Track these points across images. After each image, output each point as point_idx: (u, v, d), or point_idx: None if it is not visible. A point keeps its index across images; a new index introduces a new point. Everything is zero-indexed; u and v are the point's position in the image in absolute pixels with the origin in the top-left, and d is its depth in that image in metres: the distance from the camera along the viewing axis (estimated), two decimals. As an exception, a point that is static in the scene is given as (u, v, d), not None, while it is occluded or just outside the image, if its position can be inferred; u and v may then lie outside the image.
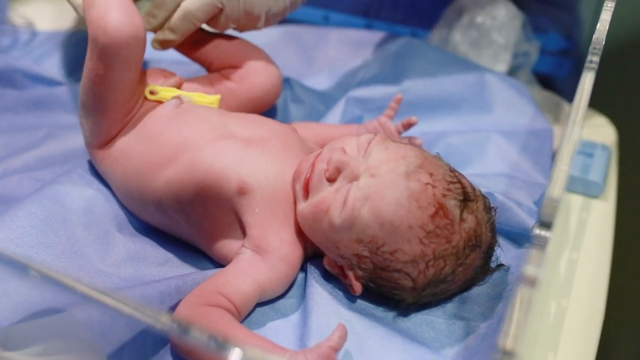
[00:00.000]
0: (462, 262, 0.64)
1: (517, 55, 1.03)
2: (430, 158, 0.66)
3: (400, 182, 0.62)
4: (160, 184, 0.70)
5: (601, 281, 0.76)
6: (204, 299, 0.62)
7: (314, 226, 0.66)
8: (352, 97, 0.91)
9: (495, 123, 0.90)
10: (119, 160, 0.73)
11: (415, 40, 1.03)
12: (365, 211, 0.62)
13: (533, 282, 0.44)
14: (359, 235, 0.63)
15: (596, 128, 0.98)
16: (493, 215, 0.67)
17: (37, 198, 0.70)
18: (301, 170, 0.67)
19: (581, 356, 0.68)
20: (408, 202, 0.62)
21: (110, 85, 0.71)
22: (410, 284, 0.64)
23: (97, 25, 0.68)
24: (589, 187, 0.87)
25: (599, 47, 0.63)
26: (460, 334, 0.65)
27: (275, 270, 0.66)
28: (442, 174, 0.64)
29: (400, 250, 0.63)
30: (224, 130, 0.72)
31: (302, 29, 1.09)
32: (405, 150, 0.65)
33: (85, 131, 0.76)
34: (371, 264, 0.64)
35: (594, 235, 0.82)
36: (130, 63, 0.70)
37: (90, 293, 0.44)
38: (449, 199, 0.63)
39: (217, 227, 0.69)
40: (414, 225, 0.62)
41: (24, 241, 0.67)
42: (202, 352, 0.57)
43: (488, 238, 0.66)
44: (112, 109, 0.73)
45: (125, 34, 0.68)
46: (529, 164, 0.84)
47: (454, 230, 0.63)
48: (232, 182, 0.67)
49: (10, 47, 1.01)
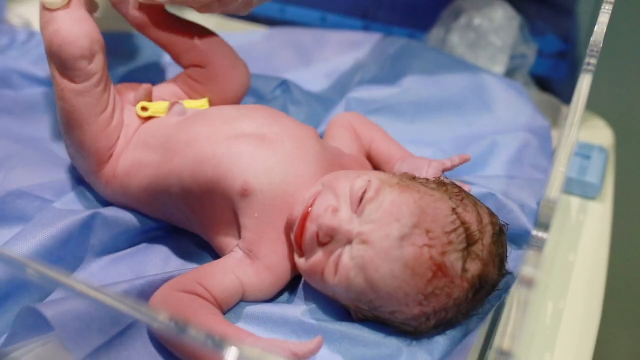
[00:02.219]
0: (465, 307, 0.63)
1: (514, 57, 1.03)
2: (428, 208, 0.61)
3: (393, 252, 0.59)
4: (173, 179, 0.69)
5: (598, 282, 0.76)
6: (181, 286, 0.63)
7: (311, 281, 0.66)
8: (353, 98, 0.91)
9: (496, 123, 0.90)
10: (132, 173, 0.73)
11: (414, 41, 1.03)
12: (360, 280, 0.61)
13: (530, 283, 0.44)
14: (355, 297, 0.62)
15: (593, 130, 0.98)
16: (502, 243, 0.64)
17: (52, 214, 0.70)
18: (293, 218, 0.65)
19: (578, 357, 0.68)
20: (403, 272, 0.59)
21: (77, 97, 0.71)
22: (411, 330, 0.64)
23: (51, 41, 0.69)
24: (586, 189, 0.87)
25: (596, 49, 0.63)
26: (457, 336, 0.65)
27: (261, 277, 0.66)
28: (441, 226, 0.60)
29: (399, 311, 0.62)
30: (237, 125, 0.71)
31: (299, 31, 1.09)
32: (399, 208, 0.61)
33: (77, 161, 0.76)
34: (371, 314, 0.64)
35: (591, 236, 0.82)
36: (91, 73, 0.71)
37: (87, 291, 0.44)
38: (448, 255, 0.60)
39: (222, 224, 0.69)
40: (411, 292, 0.60)
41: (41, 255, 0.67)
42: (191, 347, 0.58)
43: (493, 276, 0.63)
44: (87, 122, 0.72)
45: (80, 46, 0.69)
46: (530, 163, 0.84)
47: (454, 286, 0.61)
48: (237, 182, 0.67)
49: (7, 47, 1.01)
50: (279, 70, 1.00)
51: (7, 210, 0.73)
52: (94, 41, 0.71)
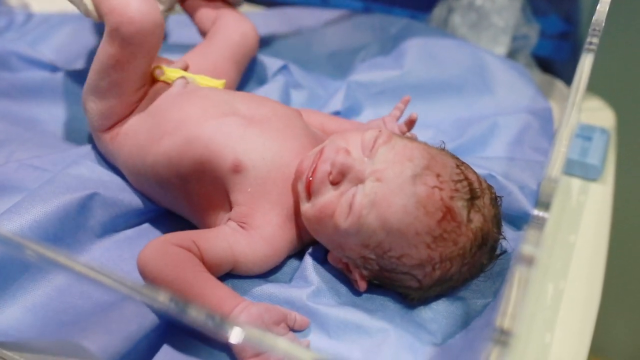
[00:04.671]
0: (469, 261, 0.64)
1: (516, 38, 1.02)
2: (436, 156, 0.64)
3: (407, 188, 0.61)
4: (160, 157, 0.70)
5: (598, 264, 0.76)
6: (178, 240, 0.63)
7: (318, 228, 0.65)
8: (354, 82, 0.91)
9: (497, 104, 0.90)
10: (129, 136, 0.74)
11: (415, 22, 1.02)
12: (372, 218, 0.61)
13: (530, 262, 0.44)
14: (365, 241, 0.63)
15: (595, 112, 0.97)
16: (499, 208, 0.66)
17: (49, 188, 0.69)
18: (302, 169, 0.66)
19: (578, 337, 0.68)
20: (415, 208, 0.60)
21: (130, 71, 0.72)
22: (416, 285, 0.64)
23: (120, 14, 0.69)
24: (588, 170, 0.87)
25: (598, 28, 0.63)
26: (459, 313, 0.65)
27: (254, 247, 0.66)
28: (449, 173, 0.63)
29: (407, 255, 0.62)
30: (226, 108, 0.72)
31: (300, 12, 1.08)
32: (411, 151, 0.63)
33: (93, 115, 0.76)
34: (377, 266, 0.64)
35: (592, 218, 0.82)
36: (151, 50, 0.72)
37: (87, 272, 0.44)
38: (456, 200, 0.62)
39: (210, 204, 0.69)
40: (421, 231, 0.61)
41: (36, 233, 0.66)
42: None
43: (494, 234, 0.65)
44: (128, 93, 0.74)
45: (150, 22, 0.70)
46: (530, 145, 0.83)
47: (461, 233, 0.62)
48: (228, 159, 0.67)
49: (5, 28, 1.00)
50: (279, 51, 0.99)
51: (6, 180, 0.72)
52: (160, 17, 0.71)
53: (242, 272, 0.67)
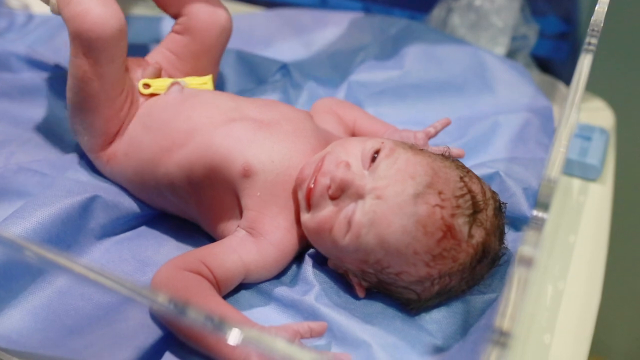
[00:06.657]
0: (468, 275, 0.64)
1: (515, 39, 1.02)
2: (439, 171, 0.62)
3: (407, 208, 0.60)
4: (172, 168, 0.69)
5: (598, 264, 0.76)
6: (186, 264, 0.63)
7: (317, 240, 0.66)
8: (354, 81, 0.91)
9: (498, 103, 0.90)
10: (130, 154, 0.73)
11: (415, 22, 1.02)
12: (371, 237, 0.61)
13: (529, 262, 0.44)
14: (363, 257, 0.62)
15: (594, 112, 0.97)
16: (502, 218, 0.66)
17: (51, 192, 0.69)
18: (303, 177, 0.66)
19: (578, 339, 0.68)
20: (415, 228, 0.60)
21: (99, 80, 0.70)
22: (415, 297, 0.64)
23: (81, 21, 0.68)
24: (587, 171, 0.87)
25: (597, 29, 0.63)
26: (459, 313, 0.65)
27: (264, 253, 0.66)
28: (451, 189, 0.62)
29: (406, 272, 0.62)
30: (234, 113, 0.71)
31: (300, 13, 1.08)
32: (414, 167, 0.62)
33: (82, 137, 0.75)
34: (376, 279, 0.64)
35: (591, 218, 0.82)
36: (116, 56, 0.70)
37: (87, 274, 0.44)
38: (457, 217, 0.61)
39: (222, 210, 0.69)
40: (420, 251, 0.60)
41: (39, 236, 0.66)
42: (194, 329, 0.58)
43: (495, 246, 0.64)
44: (104, 105, 0.72)
45: (111, 28, 0.68)
46: (533, 143, 0.83)
47: (461, 250, 0.61)
48: (238, 164, 0.67)
49: (5, 30, 1.00)
50: (279, 52, 0.99)
51: (6, 185, 0.72)
52: (122, 23, 0.70)
53: (253, 280, 0.66)
